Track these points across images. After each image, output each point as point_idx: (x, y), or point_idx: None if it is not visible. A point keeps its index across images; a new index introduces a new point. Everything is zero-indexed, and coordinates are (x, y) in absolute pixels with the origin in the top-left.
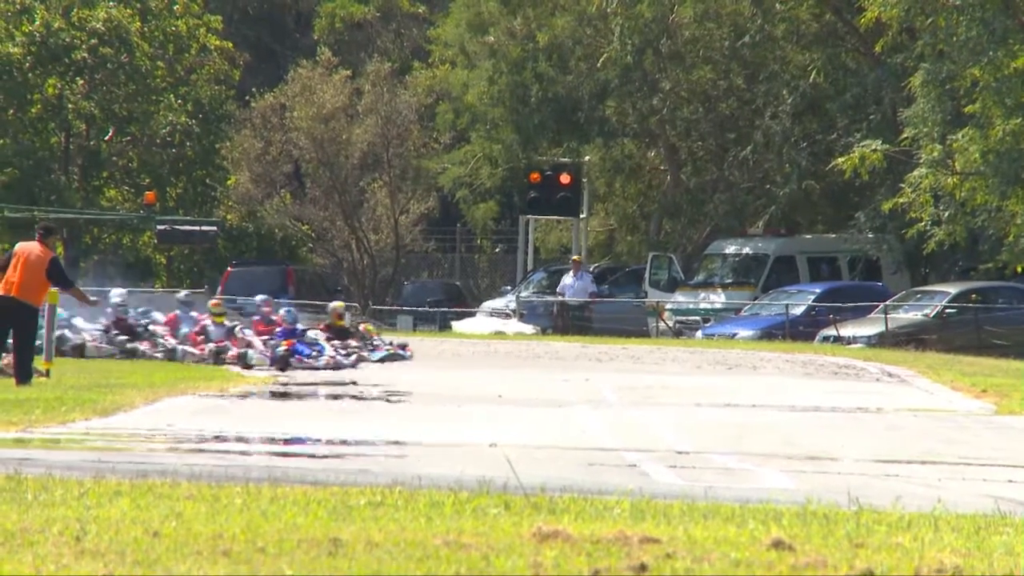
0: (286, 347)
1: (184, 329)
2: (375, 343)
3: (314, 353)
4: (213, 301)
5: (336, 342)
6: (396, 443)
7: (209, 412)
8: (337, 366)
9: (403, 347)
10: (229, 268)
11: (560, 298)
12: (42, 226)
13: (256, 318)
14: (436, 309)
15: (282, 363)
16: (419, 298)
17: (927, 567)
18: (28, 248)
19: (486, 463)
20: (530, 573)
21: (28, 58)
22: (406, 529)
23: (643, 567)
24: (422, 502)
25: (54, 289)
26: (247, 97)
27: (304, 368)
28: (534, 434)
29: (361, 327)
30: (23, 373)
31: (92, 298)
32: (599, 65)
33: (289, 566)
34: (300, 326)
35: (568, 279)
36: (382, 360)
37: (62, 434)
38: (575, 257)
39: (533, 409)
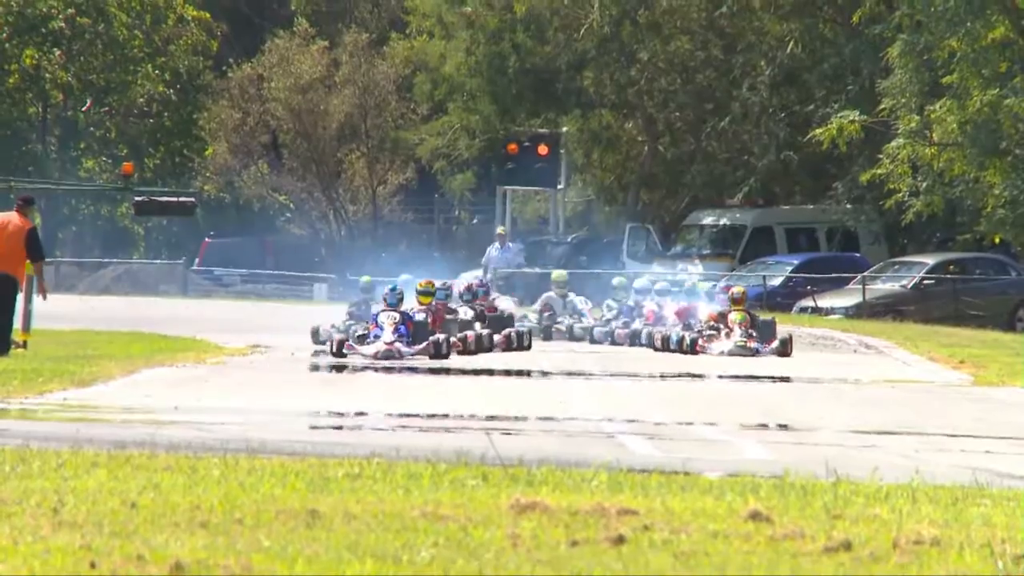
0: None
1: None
2: None
3: None
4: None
5: None
6: (360, 413)
7: (188, 383)
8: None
9: None
10: (207, 239)
11: (482, 271)
12: (21, 197)
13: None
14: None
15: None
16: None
17: (905, 538)
18: (7, 218)
19: (464, 435)
20: (508, 544)
21: (5, 28)
22: (384, 501)
23: (621, 538)
24: (400, 474)
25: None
26: (224, 68)
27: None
28: (512, 404)
29: None
30: (1, 344)
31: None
32: (577, 36)
33: (267, 537)
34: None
35: (493, 251)
36: None
37: (40, 405)
38: (500, 229)
39: (510, 379)
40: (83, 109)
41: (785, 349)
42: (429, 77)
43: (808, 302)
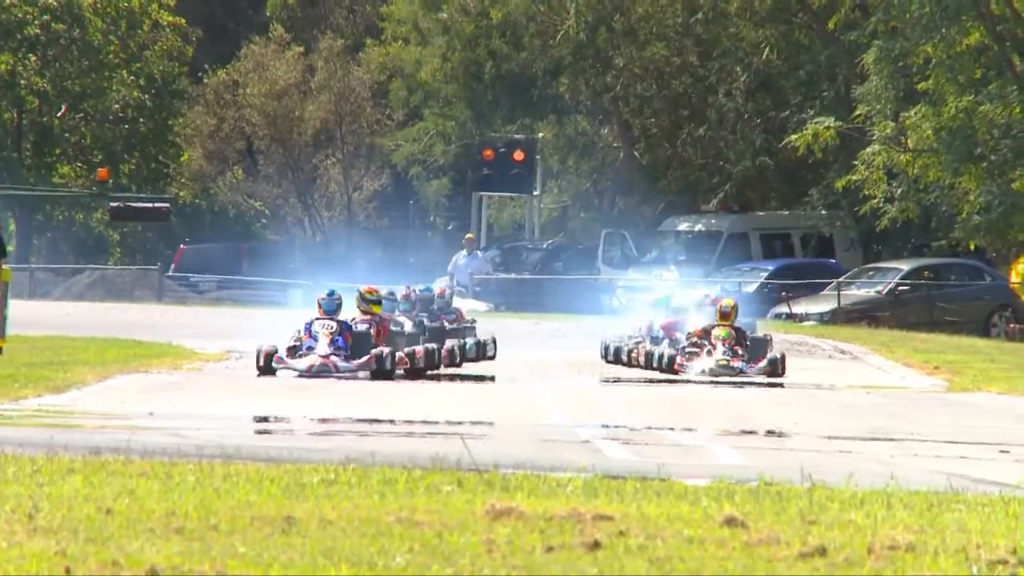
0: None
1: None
2: None
3: None
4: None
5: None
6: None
7: (162, 389)
8: None
9: None
10: (182, 245)
11: (449, 279)
12: None
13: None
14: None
15: None
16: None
17: (880, 544)
18: None
19: (439, 440)
20: (483, 550)
21: None
22: (359, 507)
23: (596, 544)
24: (375, 479)
25: (5, 266)
26: (200, 73)
27: None
28: (487, 409)
29: None
30: None
31: None
32: (553, 42)
33: (242, 543)
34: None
35: (460, 259)
36: None
37: (14, 411)
38: (468, 235)
39: (485, 384)
40: (58, 115)
41: (776, 369)
42: (405, 83)
43: (783, 308)
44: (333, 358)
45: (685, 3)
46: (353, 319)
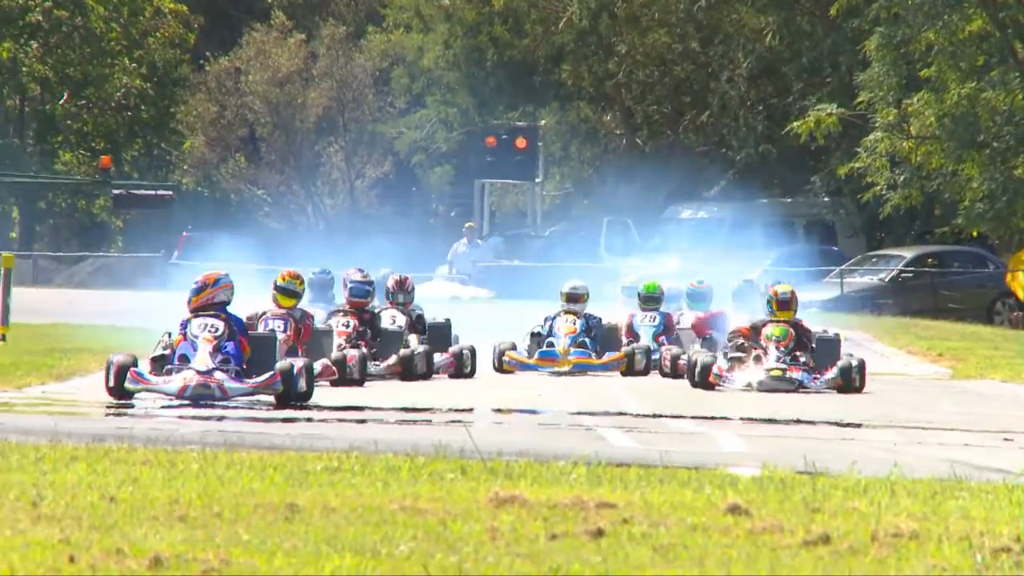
0: None
1: None
2: None
3: None
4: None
5: None
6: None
7: None
8: None
9: None
10: (185, 233)
11: (448, 267)
12: None
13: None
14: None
15: None
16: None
17: (883, 531)
18: None
19: (443, 428)
20: (487, 538)
21: None
22: (363, 494)
23: (600, 532)
24: (379, 467)
25: (8, 253)
26: (202, 61)
27: None
28: (491, 397)
29: None
30: None
31: None
32: (555, 29)
33: (246, 531)
34: None
35: (460, 247)
36: None
37: (18, 399)
38: (469, 223)
39: (489, 373)
40: (60, 102)
41: (850, 380)
42: (407, 70)
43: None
44: (218, 375)
45: None
46: (261, 315)
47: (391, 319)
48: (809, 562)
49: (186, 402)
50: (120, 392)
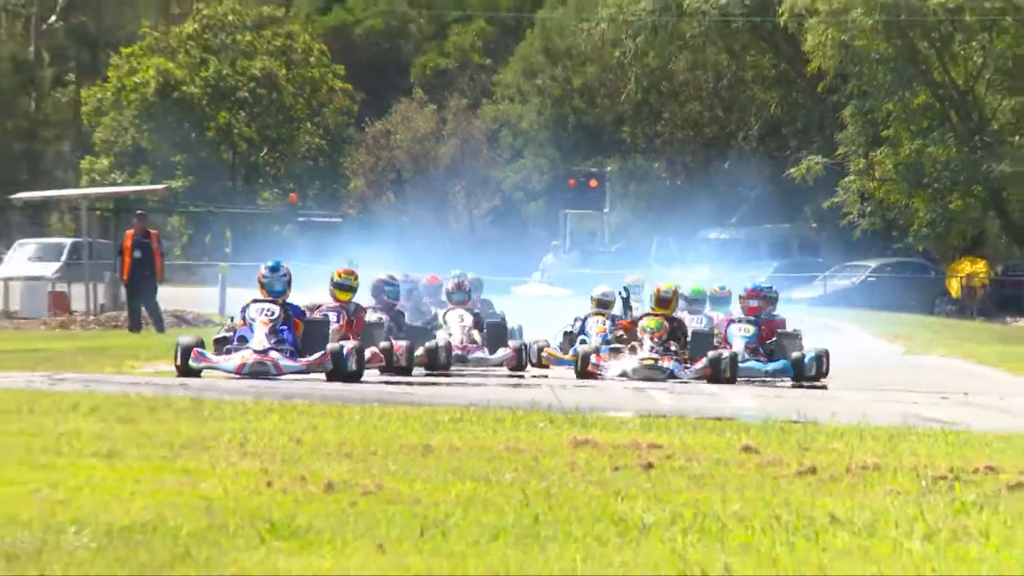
0: None
1: None
2: None
3: None
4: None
5: None
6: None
7: None
8: None
9: None
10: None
11: (541, 273)
12: (139, 212)
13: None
14: (500, 278)
15: None
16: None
17: (855, 464)
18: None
19: (535, 390)
20: (568, 469)
21: (205, 96)
22: (478, 437)
23: (650, 465)
24: (489, 418)
25: (224, 264)
26: (363, 124)
27: None
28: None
29: None
30: (134, 323)
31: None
32: (618, 100)
33: (394, 464)
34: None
35: (549, 259)
36: None
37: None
38: (555, 241)
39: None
40: (261, 155)
41: (717, 371)
42: (511, 131)
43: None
44: (273, 354)
45: (713, 73)
46: (318, 307)
47: (459, 318)
48: (801, 486)
49: (245, 377)
50: (186, 370)
